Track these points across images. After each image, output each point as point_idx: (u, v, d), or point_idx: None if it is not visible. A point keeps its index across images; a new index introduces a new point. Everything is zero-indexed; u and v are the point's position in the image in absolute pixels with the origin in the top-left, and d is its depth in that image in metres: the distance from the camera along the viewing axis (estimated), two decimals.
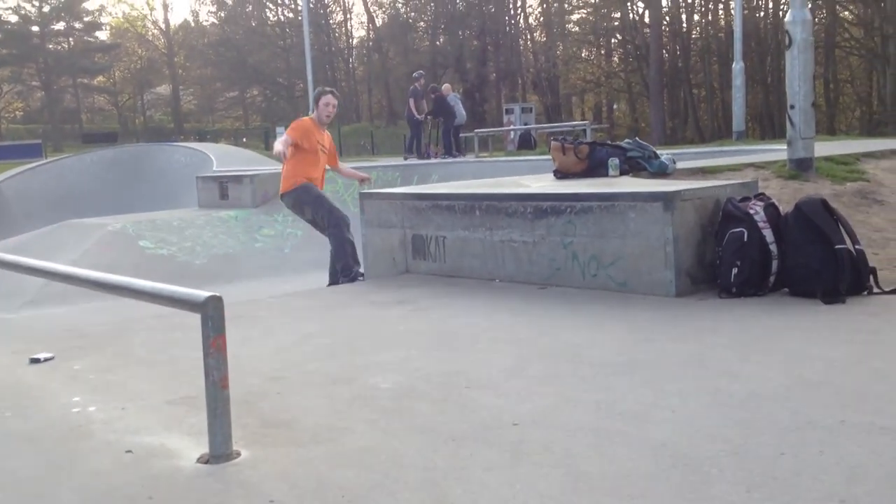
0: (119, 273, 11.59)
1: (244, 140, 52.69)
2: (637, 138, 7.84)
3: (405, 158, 20.90)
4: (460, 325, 4.72)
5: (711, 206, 5.15)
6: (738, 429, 2.76)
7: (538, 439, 2.79)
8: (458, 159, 19.63)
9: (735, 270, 4.79)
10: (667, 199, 4.98)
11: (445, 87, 21.97)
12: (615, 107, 54.40)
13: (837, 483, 2.32)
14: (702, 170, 7.71)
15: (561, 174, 7.14)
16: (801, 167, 7.17)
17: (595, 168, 7.03)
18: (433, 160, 19.82)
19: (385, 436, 2.91)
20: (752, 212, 4.86)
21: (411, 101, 20.87)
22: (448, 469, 2.60)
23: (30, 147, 31.88)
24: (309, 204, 7.56)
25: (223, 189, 16.83)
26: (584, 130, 18.41)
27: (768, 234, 4.79)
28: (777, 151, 11.61)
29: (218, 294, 2.81)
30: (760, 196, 5.08)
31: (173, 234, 15.06)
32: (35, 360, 4.42)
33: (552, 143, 7.30)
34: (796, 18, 6.89)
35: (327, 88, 8.12)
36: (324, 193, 7.66)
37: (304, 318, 5.23)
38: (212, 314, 2.77)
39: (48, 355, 4.51)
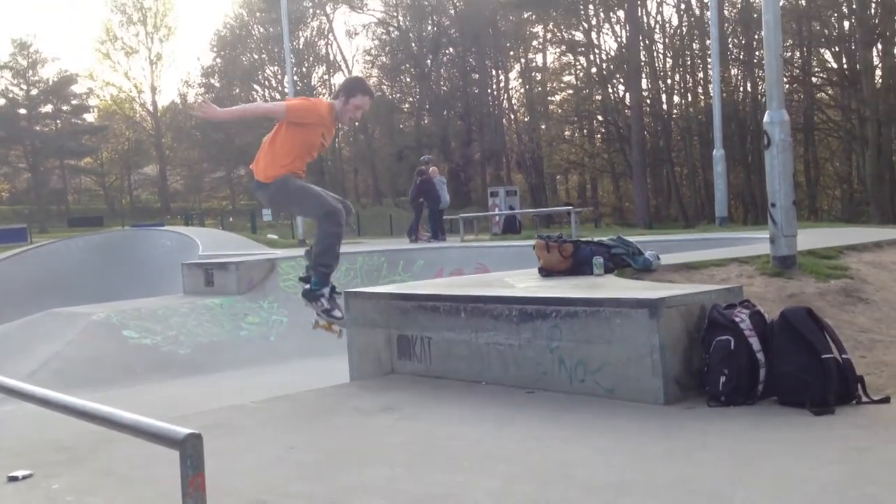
0: (104, 365, 11.39)
1: (231, 220, 52.85)
2: (620, 235, 7.89)
3: (410, 241, 20.90)
4: (447, 436, 4.64)
5: (697, 312, 5.14)
6: None
7: None
8: (443, 244, 19.71)
9: (723, 378, 4.76)
10: (652, 305, 4.98)
11: (433, 169, 22.18)
12: (599, 186, 55.07)
13: None
14: (686, 265, 7.73)
15: (546, 272, 7.15)
16: (784, 264, 7.21)
17: (580, 266, 7.05)
18: (420, 244, 19.90)
19: None
20: (737, 319, 4.85)
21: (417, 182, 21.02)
22: None
23: (15, 231, 31.89)
24: (291, 202, 6.69)
25: (208, 276, 16.78)
26: (569, 213, 18.56)
27: (755, 343, 4.78)
28: (760, 241, 11.69)
29: (197, 432, 2.74)
30: (745, 303, 5.09)
31: (157, 322, 14.94)
32: (13, 479, 4.31)
33: (537, 241, 7.33)
34: (774, 119, 7.02)
35: (366, 86, 6.73)
36: (305, 183, 6.52)
37: (286, 427, 5.15)
38: (190, 452, 2.70)
39: (26, 472, 4.39)
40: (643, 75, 44.41)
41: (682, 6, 44.97)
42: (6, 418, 10.16)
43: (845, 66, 38.79)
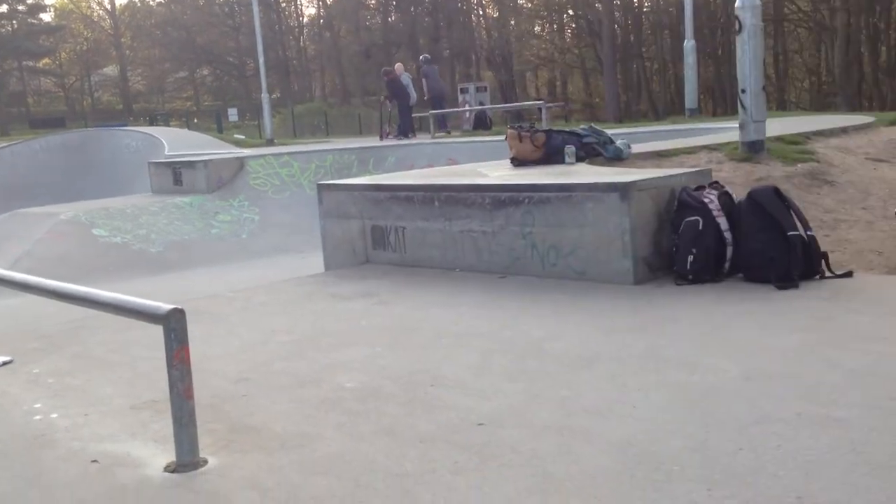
0: (74, 263, 11.39)
1: (196, 121, 51.99)
2: (592, 124, 7.91)
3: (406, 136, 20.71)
4: (423, 318, 4.75)
5: (667, 195, 5.23)
6: (698, 424, 2.84)
7: (505, 440, 2.84)
8: (413, 141, 19.61)
9: (691, 258, 4.89)
10: (623, 189, 5.05)
11: (398, 66, 21.89)
12: (569, 82, 54.57)
13: (795, 479, 2.40)
14: (657, 153, 7.81)
15: (518, 162, 7.19)
16: (752, 150, 7.30)
17: (552, 155, 7.09)
18: (390, 142, 19.78)
19: (354, 440, 2.95)
20: (706, 200, 4.95)
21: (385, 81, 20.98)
22: (418, 474, 2.64)
23: None
24: None
25: (177, 175, 16.64)
26: (540, 109, 18.46)
27: (723, 222, 4.89)
28: (729, 130, 11.76)
29: (180, 307, 2.80)
30: (714, 184, 5.18)
31: (127, 221, 14.88)
32: None
33: (509, 131, 7.34)
34: (746, 4, 6.99)
35: None
36: None
37: (266, 313, 5.23)
38: (174, 326, 2.77)
39: (6, 358, 4.47)
40: None
41: None
42: None
43: None
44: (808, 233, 4.75)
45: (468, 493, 2.48)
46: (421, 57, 23.60)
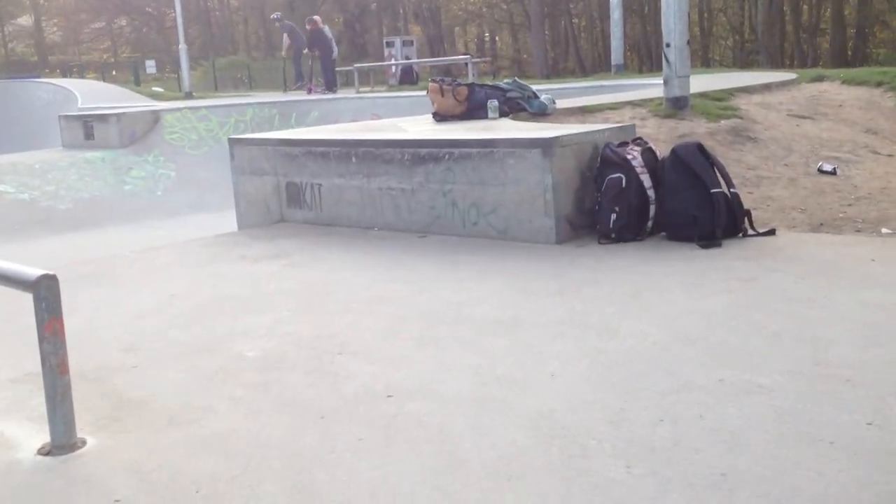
0: None
1: (113, 73, 50.14)
2: (516, 78, 7.70)
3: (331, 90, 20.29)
4: (336, 281, 4.51)
5: (590, 151, 5.06)
6: (617, 394, 2.68)
7: (413, 413, 2.64)
8: (337, 95, 19.15)
9: (614, 216, 4.73)
10: (545, 145, 4.86)
11: (317, 18, 21.35)
12: (497, 38, 54.19)
13: (718, 453, 2.25)
14: (581, 109, 7.64)
15: (440, 116, 6.94)
16: (676, 105, 7.18)
17: (475, 110, 6.86)
18: (314, 96, 19.28)
19: (249, 415, 2.71)
20: (629, 157, 4.79)
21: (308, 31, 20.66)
22: (316, 452, 2.42)
23: None
24: None
25: (88, 128, 15.93)
26: (467, 64, 18.16)
27: (646, 180, 4.74)
28: (654, 87, 11.67)
29: (52, 273, 2.51)
30: (638, 140, 5.02)
31: (35, 177, 14.21)
32: None
33: (431, 84, 7.07)
34: None
35: None
36: None
37: (169, 276, 4.92)
38: (45, 295, 2.48)
39: None
40: None
41: None
42: None
43: None
44: (732, 190, 4.63)
45: (370, 475, 2.27)
46: (273, 16, 23.47)
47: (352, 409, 2.70)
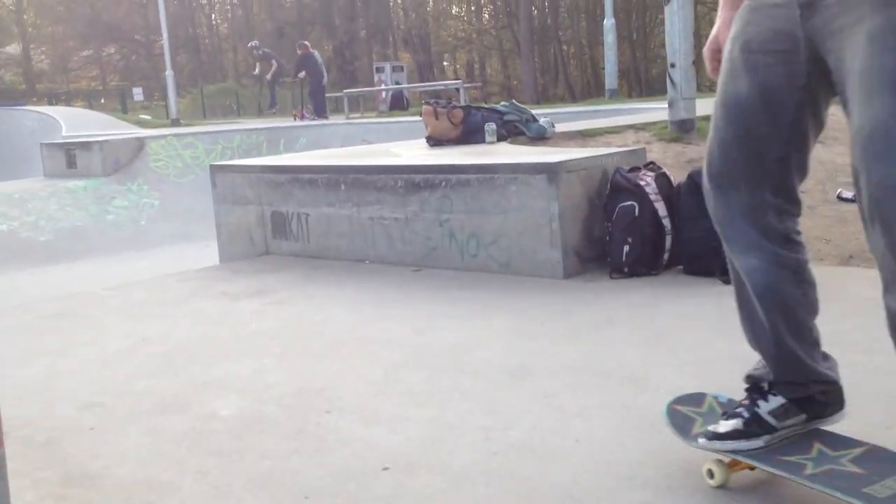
0: None
1: (102, 101, 49.81)
2: (514, 101, 7.34)
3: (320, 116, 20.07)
4: (324, 320, 4.10)
5: (599, 176, 4.68)
6: (659, 466, 2.26)
7: (414, 492, 2.22)
8: (327, 122, 18.82)
9: (626, 248, 4.35)
10: (551, 170, 4.48)
11: (304, 42, 21.12)
12: (487, 65, 54.17)
13: None
14: (581, 133, 7.28)
15: (434, 141, 6.56)
16: (682, 129, 6.82)
17: (471, 133, 6.49)
18: (303, 122, 18.94)
19: (218, 495, 2.29)
20: (642, 183, 4.41)
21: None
22: None
23: None
24: None
25: (70, 157, 15.53)
26: (458, 90, 17.87)
27: (661, 208, 4.36)
28: (651, 111, 11.37)
29: None
30: (650, 165, 4.64)
31: (14, 207, 13.79)
32: None
33: (424, 107, 6.70)
34: None
35: None
36: None
37: (142, 315, 4.50)
38: None
39: None
40: None
41: None
42: None
43: None
44: None
45: None
46: (251, 44, 23.61)
47: (341, 486, 2.28)
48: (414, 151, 6.29)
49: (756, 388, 2.13)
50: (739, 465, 2.07)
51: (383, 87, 24.22)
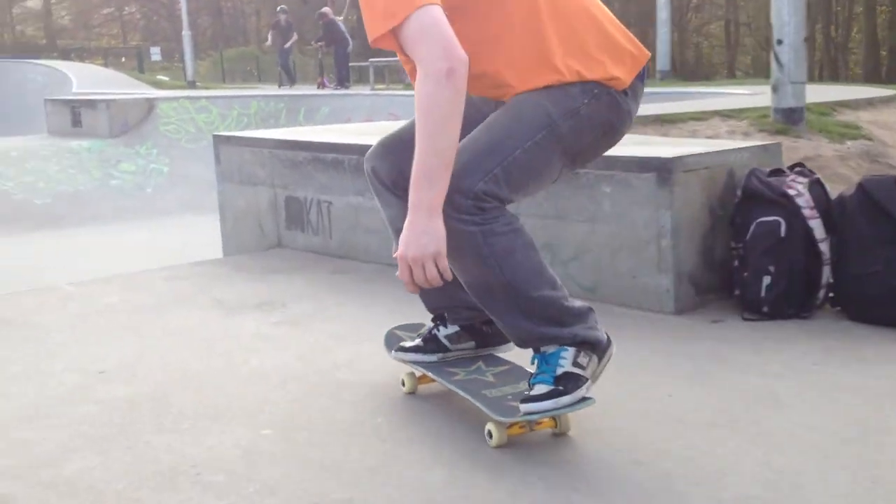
0: None
1: (122, 60, 48.72)
2: None
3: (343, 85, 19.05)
4: (350, 360, 2.96)
5: (723, 179, 3.51)
6: None
7: None
8: (350, 91, 17.67)
9: (767, 280, 3.19)
10: (663, 168, 3.32)
11: (326, 9, 19.91)
12: None
13: None
14: (659, 119, 6.13)
15: None
16: (790, 119, 5.66)
17: None
18: (325, 91, 17.81)
19: None
20: (791, 192, 3.24)
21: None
22: None
23: None
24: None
25: (76, 115, 14.45)
26: None
27: (817, 228, 3.20)
28: (721, 96, 10.16)
29: None
30: (800, 168, 3.46)
31: (11, 166, 12.74)
32: None
33: None
34: None
35: None
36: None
37: (107, 330, 3.38)
38: None
39: None
40: None
41: None
42: None
43: None
44: None
45: None
46: (279, 7, 22.22)
47: None
48: None
49: (440, 317, 2.56)
50: (425, 378, 2.53)
51: None
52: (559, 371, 2.12)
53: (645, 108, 6.83)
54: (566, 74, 2.10)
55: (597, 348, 2.20)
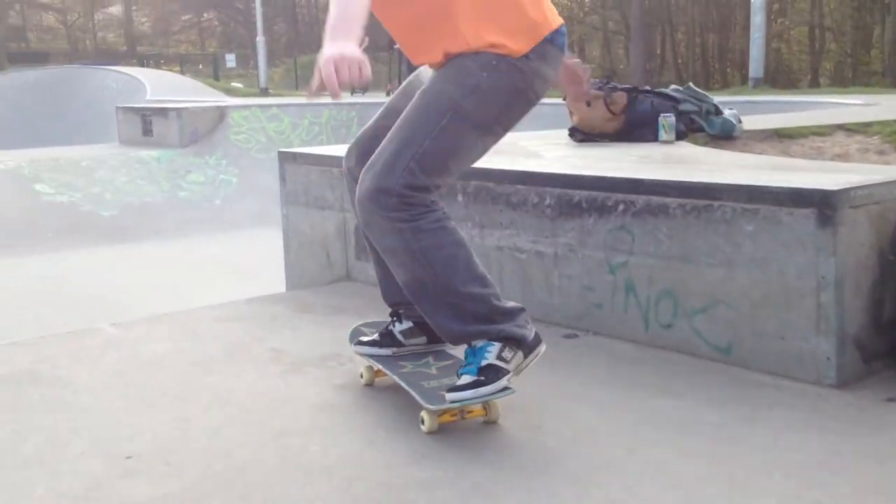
0: (3, 223, 8.84)
1: (200, 67, 49.33)
2: (690, 84, 5.47)
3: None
4: (432, 444, 2.37)
5: (894, 216, 2.83)
6: None
7: None
8: None
9: None
10: (826, 202, 2.65)
11: None
12: (587, 48, 51.68)
13: None
14: (777, 133, 5.41)
15: (583, 135, 4.78)
16: None
17: (635, 128, 4.69)
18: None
19: None
20: None
21: None
22: None
23: None
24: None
25: (146, 123, 14.21)
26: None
27: None
28: (833, 107, 9.32)
29: None
30: None
31: (79, 176, 12.50)
32: None
33: None
34: None
35: None
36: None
37: (144, 392, 2.85)
38: None
39: None
40: None
41: None
42: None
43: None
44: None
45: None
46: None
47: None
48: (560, 150, 4.52)
49: (396, 313, 2.73)
50: (381, 373, 2.72)
51: None
52: (483, 363, 2.30)
53: (756, 121, 6.12)
54: (470, 41, 2.27)
55: (522, 344, 2.36)
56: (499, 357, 2.30)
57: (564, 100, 4.89)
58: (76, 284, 8.48)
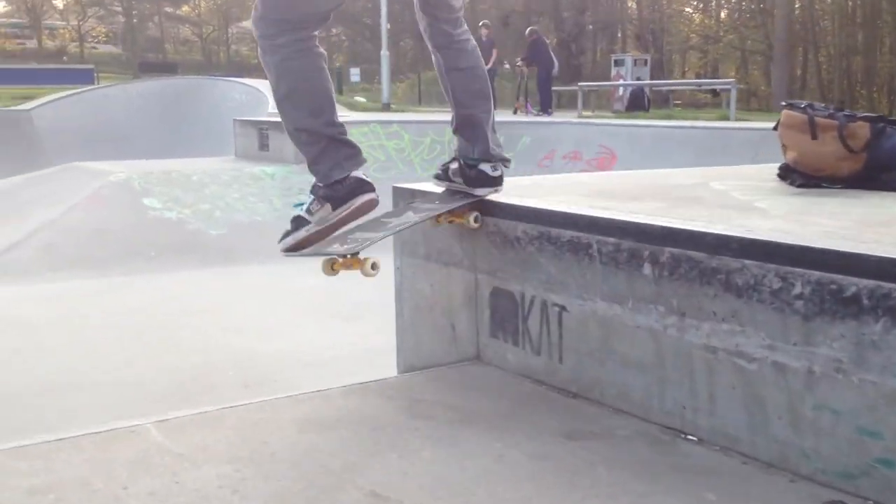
0: (108, 239, 6.81)
1: None
2: None
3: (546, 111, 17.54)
4: None
5: None
6: None
7: None
8: (554, 118, 16.01)
9: None
10: None
11: (535, 27, 18.40)
12: (721, 69, 49.39)
13: None
14: None
15: (804, 177, 3.52)
16: None
17: (881, 169, 3.40)
18: (526, 118, 16.24)
19: None
20: None
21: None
22: None
23: (81, 72, 29.06)
24: None
25: (263, 137, 13.59)
26: (729, 90, 14.48)
27: None
28: None
29: None
30: None
31: (189, 191, 11.89)
32: None
33: (787, 112, 3.62)
34: None
35: None
36: None
37: None
38: None
39: None
40: None
41: None
42: None
43: None
44: None
45: None
46: (482, 22, 20.23)
47: None
48: (784, 201, 3.28)
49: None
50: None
51: (622, 82, 21.06)
52: (296, 213, 2.75)
53: None
54: None
55: (332, 199, 2.72)
56: (307, 210, 2.69)
57: (775, 129, 3.65)
58: (164, 314, 7.73)
